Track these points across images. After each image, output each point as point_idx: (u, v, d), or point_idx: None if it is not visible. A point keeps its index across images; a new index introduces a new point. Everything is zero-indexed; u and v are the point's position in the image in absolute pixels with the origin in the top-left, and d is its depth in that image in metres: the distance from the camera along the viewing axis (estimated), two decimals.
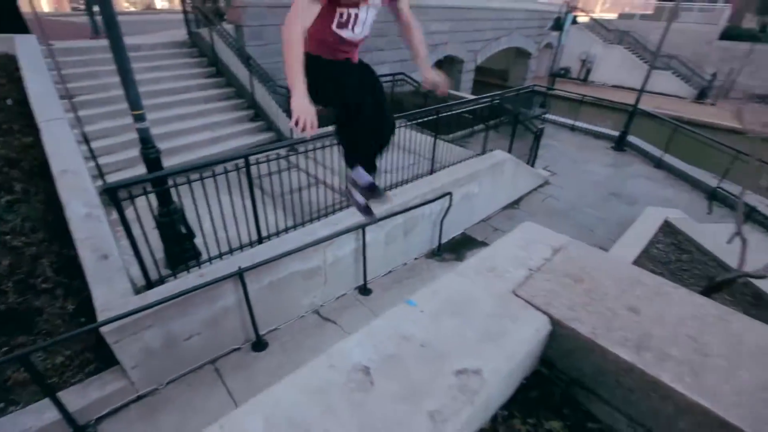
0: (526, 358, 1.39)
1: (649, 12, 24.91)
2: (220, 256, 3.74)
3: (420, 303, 1.56)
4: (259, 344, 3.83)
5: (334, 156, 4.44)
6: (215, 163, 3.39)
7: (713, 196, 7.19)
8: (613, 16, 27.82)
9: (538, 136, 7.31)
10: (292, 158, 5.24)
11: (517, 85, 14.30)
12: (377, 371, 1.25)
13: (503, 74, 22.88)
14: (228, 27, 7.85)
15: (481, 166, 5.62)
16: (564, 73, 23.61)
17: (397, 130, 5.33)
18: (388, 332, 1.41)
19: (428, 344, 1.36)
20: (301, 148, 4.41)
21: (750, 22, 22.57)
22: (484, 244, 5.81)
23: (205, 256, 3.76)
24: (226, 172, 3.40)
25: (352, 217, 4.40)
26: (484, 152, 6.07)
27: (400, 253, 5.12)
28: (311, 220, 4.37)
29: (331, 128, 2.78)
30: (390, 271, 5.06)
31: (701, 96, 19.79)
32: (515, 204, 6.85)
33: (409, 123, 5.38)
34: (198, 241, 3.83)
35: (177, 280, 3.41)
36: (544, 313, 1.48)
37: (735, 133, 16.45)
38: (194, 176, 3.28)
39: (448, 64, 16.96)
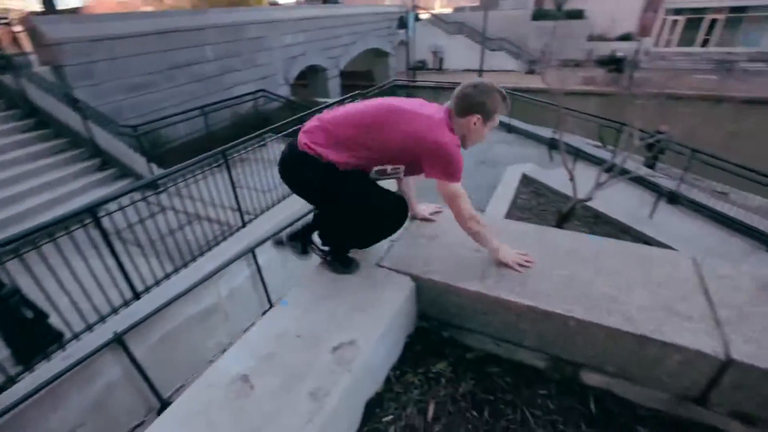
0: (397, 317, 1.52)
1: (476, 4, 28.61)
2: (90, 327, 3.24)
3: (294, 298, 1.60)
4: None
5: (207, 187, 4.20)
6: (47, 225, 2.91)
7: (551, 146, 8.62)
8: (449, 10, 31.27)
9: None
10: (157, 199, 4.77)
11: (389, 81, 15.08)
12: (256, 374, 1.25)
13: (368, 75, 23.99)
14: (43, 69, 6.77)
15: None
16: (421, 66, 25.76)
17: (274, 146, 5.31)
18: (264, 335, 1.41)
19: (303, 333, 1.40)
20: (170, 185, 4.05)
21: (550, 4, 27.50)
22: None
23: (69, 335, 3.21)
24: (68, 232, 2.96)
25: (237, 243, 4.21)
26: None
27: (302, 265, 5.05)
28: (194, 259, 4.05)
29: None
30: None
31: (531, 69, 23.50)
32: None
33: (277, 136, 5.34)
34: (55, 320, 3.25)
35: (35, 373, 2.86)
36: (406, 274, 1.64)
37: (545, 92, 20.09)
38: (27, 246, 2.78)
39: (312, 74, 17.18)
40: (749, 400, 1.19)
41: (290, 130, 5.28)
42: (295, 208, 4.86)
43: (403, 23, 13.97)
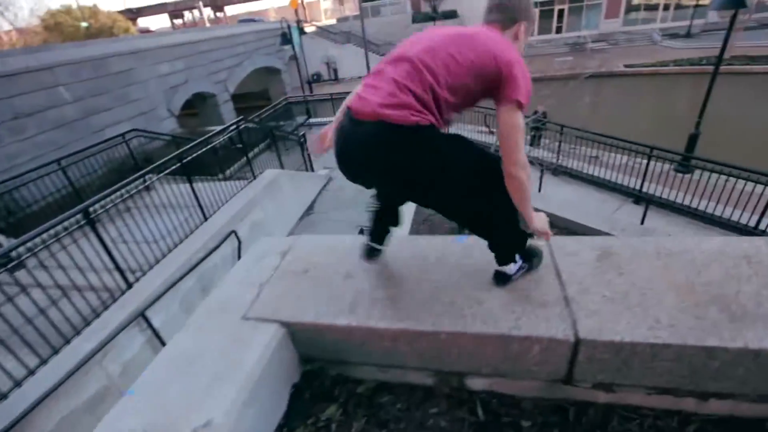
0: (267, 374, 1.37)
1: (357, 13, 29.41)
2: None
3: (144, 383, 1.35)
4: None
5: (80, 250, 3.57)
6: None
7: None
8: (333, 21, 31.69)
9: (302, 143, 7.70)
10: (12, 277, 3.96)
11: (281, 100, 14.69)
12: None
13: (264, 93, 23.27)
14: None
15: (255, 192, 5.54)
16: (317, 78, 25.70)
17: (160, 188, 4.75)
18: None
19: (151, 426, 1.18)
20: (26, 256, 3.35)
21: (425, 7, 29.36)
22: None
23: None
24: None
25: (122, 310, 3.67)
26: (255, 177, 5.99)
27: None
28: (68, 341, 3.43)
29: None
30: None
31: None
32: (310, 210, 7.09)
33: (160, 176, 4.80)
34: None
35: None
36: (274, 321, 1.49)
37: None
38: None
39: (200, 102, 16.10)
40: (603, 371, 1.26)
41: (173, 167, 4.79)
42: (192, 249, 4.42)
43: (286, 39, 13.72)
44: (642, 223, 5.21)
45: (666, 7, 25.79)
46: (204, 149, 5.13)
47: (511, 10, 1.24)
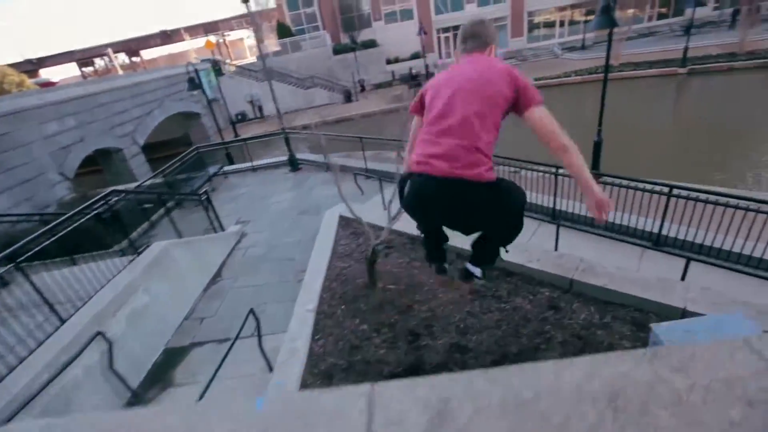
0: None
1: (279, 49, 29.21)
2: None
3: None
4: None
5: None
6: None
7: (355, 177, 8.51)
8: (254, 59, 31.16)
9: (204, 201, 6.95)
10: None
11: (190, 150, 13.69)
12: None
13: (185, 139, 21.92)
14: None
15: (134, 274, 4.71)
16: (241, 118, 24.81)
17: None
18: None
19: None
20: None
21: (345, 39, 29.88)
22: (198, 344, 5.03)
23: None
24: None
25: None
26: (138, 254, 5.15)
27: None
28: None
29: None
30: None
31: (348, 98, 24.89)
32: (218, 276, 6.31)
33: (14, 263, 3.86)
34: None
35: None
36: None
37: (368, 116, 21.72)
38: None
39: (105, 158, 14.63)
40: None
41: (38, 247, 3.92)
42: (51, 355, 3.52)
43: (194, 84, 12.92)
44: (556, 249, 5.11)
45: (561, 24, 28.40)
46: (59, 233, 4.27)
47: (484, 36, 1.69)
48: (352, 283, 4.99)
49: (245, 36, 53.83)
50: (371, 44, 27.86)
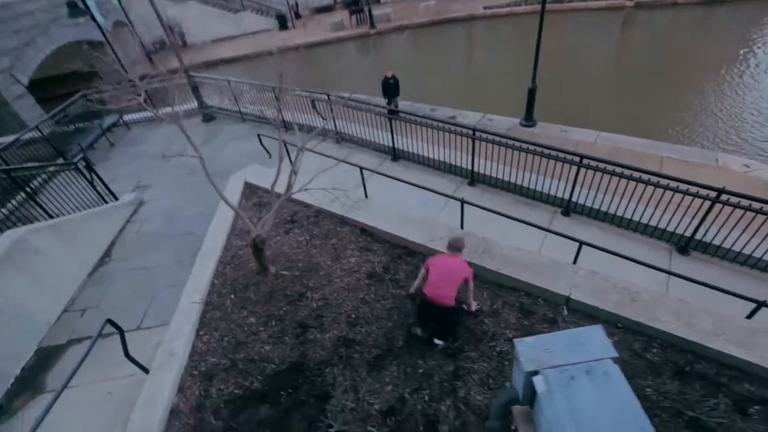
0: None
1: None
2: None
3: None
4: None
5: None
6: None
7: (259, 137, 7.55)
8: None
9: (84, 167, 5.95)
10: None
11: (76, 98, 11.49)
12: None
13: (91, 75, 18.76)
14: None
15: None
16: (160, 47, 21.55)
17: None
18: None
19: None
20: None
21: None
22: (77, 341, 4.54)
23: None
24: None
25: None
26: None
27: None
28: None
29: None
30: None
31: (283, 24, 22.09)
32: (106, 257, 5.63)
33: None
34: None
35: None
36: None
37: (318, 45, 19.57)
38: None
39: None
40: None
41: None
42: None
43: (76, 8, 10.59)
44: (462, 226, 4.88)
45: None
46: None
47: (460, 247, 3.51)
48: (246, 268, 4.58)
49: None
50: None
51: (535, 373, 2.34)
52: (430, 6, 20.33)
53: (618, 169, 4.62)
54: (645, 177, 4.49)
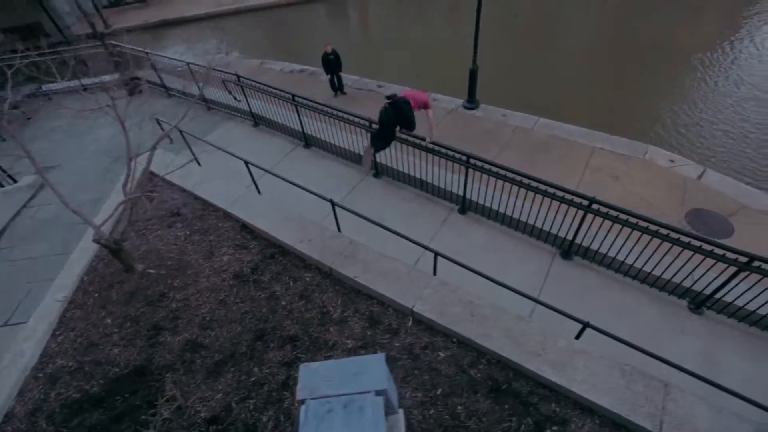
0: None
1: None
2: None
3: None
4: None
5: None
6: None
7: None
8: None
9: None
10: None
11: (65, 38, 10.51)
12: None
13: (33, 30, 17.46)
14: None
15: None
16: (116, 1, 20.11)
17: None
18: None
19: None
20: None
21: None
22: None
23: None
24: None
25: None
26: None
27: None
28: None
29: None
30: None
31: None
32: None
33: None
34: None
35: None
36: None
37: (285, 6, 18.38)
38: None
39: None
40: None
41: None
42: None
43: None
44: (339, 229, 4.72)
45: None
46: None
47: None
48: (116, 265, 4.47)
49: None
50: None
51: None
52: None
53: (502, 172, 4.49)
54: (526, 182, 4.37)
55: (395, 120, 4.68)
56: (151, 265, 4.38)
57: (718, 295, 4.02)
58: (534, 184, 4.33)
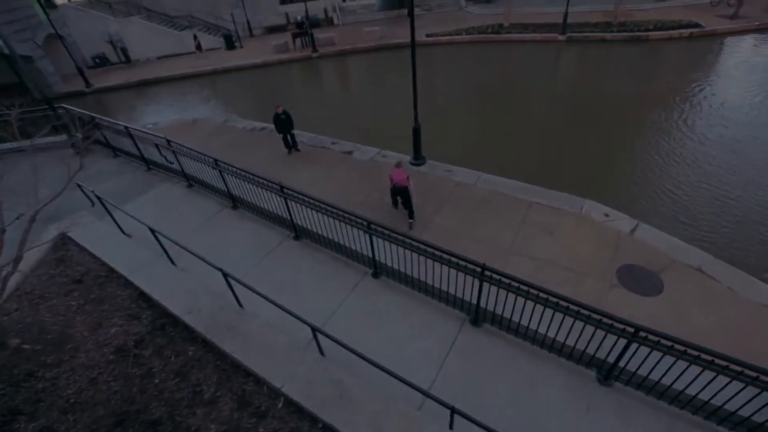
0: None
1: None
2: None
3: None
4: None
5: None
6: None
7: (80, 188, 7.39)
8: None
9: None
10: None
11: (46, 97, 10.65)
12: None
13: (20, 88, 18.17)
14: None
15: None
16: (101, 62, 21.10)
17: None
18: None
19: None
20: None
21: None
22: None
23: None
24: None
25: None
26: None
27: None
28: None
29: None
30: None
31: (230, 44, 21.94)
32: None
33: None
34: None
35: None
36: None
37: (259, 67, 19.44)
38: None
39: None
40: None
41: None
42: None
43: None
44: (240, 305, 4.56)
45: None
46: None
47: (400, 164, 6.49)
48: None
49: None
50: None
51: None
52: (375, 31, 20.49)
53: (401, 238, 4.47)
54: (422, 247, 4.35)
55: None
56: (29, 340, 4.16)
57: (621, 364, 3.86)
58: (430, 249, 4.31)
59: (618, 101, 12.87)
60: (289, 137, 9.38)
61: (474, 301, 4.52)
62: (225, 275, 4.17)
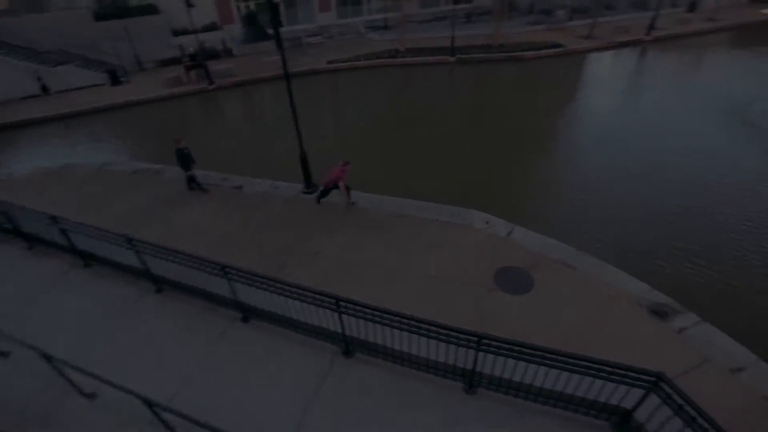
0: None
1: (5, 7, 21.92)
2: None
3: None
4: None
5: None
6: None
7: None
8: None
9: None
10: None
11: None
12: None
13: None
14: None
15: None
16: None
17: None
18: None
19: None
20: None
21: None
22: None
23: None
24: None
25: None
26: None
27: None
28: None
29: None
30: None
31: (115, 79, 20.23)
32: None
33: None
34: None
35: None
36: None
37: (150, 102, 18.01)
38: None
39: None
40: None
41: None
42: None
43: None
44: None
45: (368, 1, 28.06)
46: None
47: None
48: None
49: None
50: (149, 9, 22.98)
51: None
52: (275, 60, 20.32)
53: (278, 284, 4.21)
54: (279, 285, 4.13)
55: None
56: None
57: (478, 369, 3.96)
58: (287, 287, 4.10)
59: (505, 113, 14.10)
60: (190, 173, 8.93)
61: (337, 330, 4.38)
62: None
